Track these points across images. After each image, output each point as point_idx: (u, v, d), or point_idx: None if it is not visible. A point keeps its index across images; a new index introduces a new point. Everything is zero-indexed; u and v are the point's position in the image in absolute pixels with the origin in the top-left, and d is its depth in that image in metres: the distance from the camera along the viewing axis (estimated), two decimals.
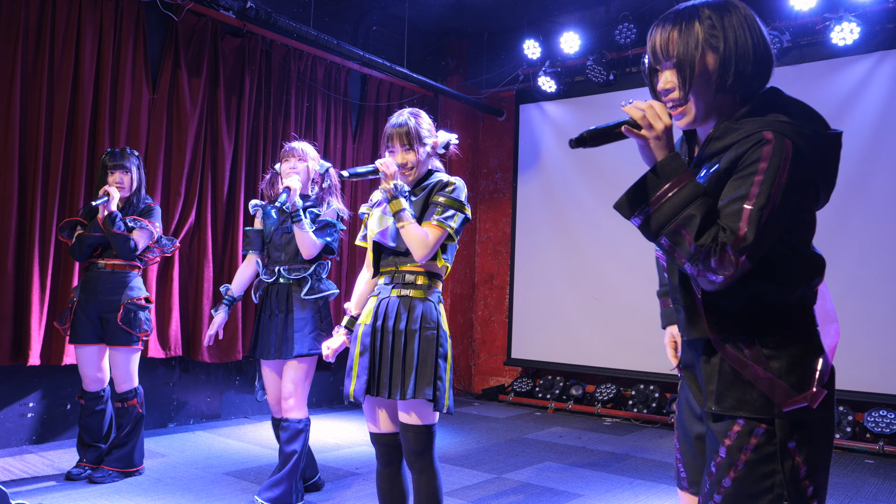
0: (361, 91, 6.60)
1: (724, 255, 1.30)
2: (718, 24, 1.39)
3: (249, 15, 5.03)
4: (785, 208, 1.31)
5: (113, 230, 3.61)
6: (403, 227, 2.32)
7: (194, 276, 5.18)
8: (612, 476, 4.23)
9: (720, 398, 1.41)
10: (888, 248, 5.21)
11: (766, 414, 1.36)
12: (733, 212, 1.31)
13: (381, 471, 2.50)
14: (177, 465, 4.12)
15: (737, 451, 1.38)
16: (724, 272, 1.31)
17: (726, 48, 1.38)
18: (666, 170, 1.36)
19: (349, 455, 4.52)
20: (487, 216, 7.63)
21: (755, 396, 1.37)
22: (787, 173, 1.29)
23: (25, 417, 4.42)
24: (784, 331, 1.38)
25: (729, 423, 1.40)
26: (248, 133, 5.52)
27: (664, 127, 1.39)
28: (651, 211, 1.36)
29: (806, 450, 1.37)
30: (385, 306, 2.40)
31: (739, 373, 1.39)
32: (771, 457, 1.36)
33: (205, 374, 5.40)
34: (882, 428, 5.03)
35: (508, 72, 7.09)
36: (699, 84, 1.40)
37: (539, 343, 6.91)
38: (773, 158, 1.30)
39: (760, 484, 1.37)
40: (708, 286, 1.36)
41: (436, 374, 2.33)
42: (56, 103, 4.43)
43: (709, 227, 1.32)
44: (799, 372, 1.36)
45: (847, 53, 5.43)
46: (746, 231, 1.29)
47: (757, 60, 1.39)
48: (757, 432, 1.37)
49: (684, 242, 1.33)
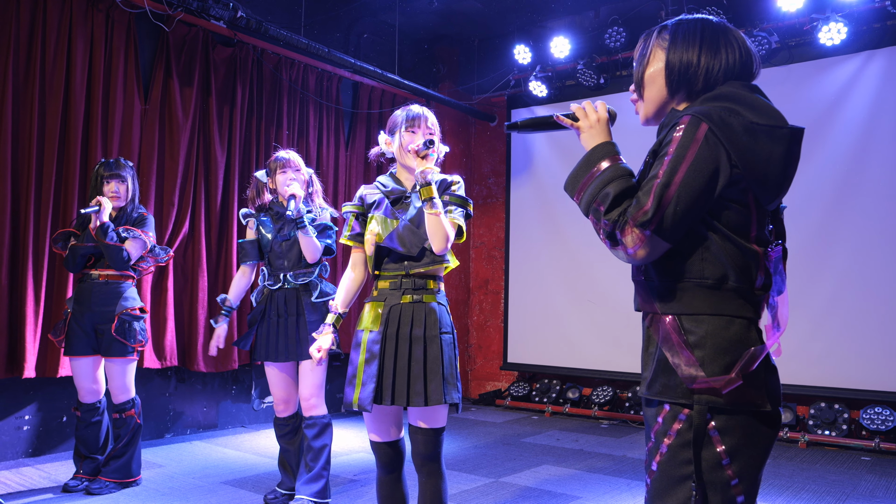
0: (353, 99, 6.62)
1: (626, 228, 1.40)
2: (671, 36, 1.55)
3: (240, 24, 5.05)
4: (693, 187, 1.37)
5: (105, 241, 3.60)
6: (436, 215, 2.25)
7: (189, 286, 5.17)
8: (609, 478, 4.23)
9: (650, 384, 1.48)
10: (881, 245, 5.25)
11: (688, 399, 1.41)
12: (644, 189, 1.41)
13: (382, 478, 2.47)
14: (174, 476, 4.11)
15: (662, 436, 1.44)
16: (631, 245, 1.40)
17: (671, 55, 1.53)
18: (595, 155, 1.52)
19: (347, 462, 4.52)
20: (481, 221, 7.64)
21: (680, 382, 1.42)
22: (695, 153, 1.38)
23: (21, 430, 4.40)
24: (712, 317, 1.42)
25: (658, 408, 1.46)
26: (241, 142, 5.52)
27: (596, 119, 1.57)
28: (582, 190, 1.50)
29: (730, 439, 1.39)
30: (398, 312, 2.35)
31: (666, 360, 1.44)
32: (689, 443, 1.40)
33: (201, 384, 5.39)
34: (878, 425, 5.05)
35: (499, 77, 7.12)
36: (646, 85, 1.59)
37: (535, 347, 6.92)
38: (683, 139, 1.40)
39: (680, 470, 1.41)
40: (626, 260, 1.44)
41: (456, 378, 2.37)
42: (48, 114, 4.42)
43: (620, 204, 1.42)
44: (721, 362, 1.39)
45: (835, 53, 5.48)
46: (649, 206, 1.37)
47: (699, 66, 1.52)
48: (680, 418, 1.42)
49: (600, 217, 1.44)
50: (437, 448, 2.38)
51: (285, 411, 3.51)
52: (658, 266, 1.47)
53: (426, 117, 2.46)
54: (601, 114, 1.58)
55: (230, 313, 3.54)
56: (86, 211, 3.63)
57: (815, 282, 5.44)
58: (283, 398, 3.49)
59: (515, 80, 6.98)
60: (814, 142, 5.52)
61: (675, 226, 1.38)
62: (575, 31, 6.57)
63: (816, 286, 5.43)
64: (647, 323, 1.54)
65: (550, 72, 6.64)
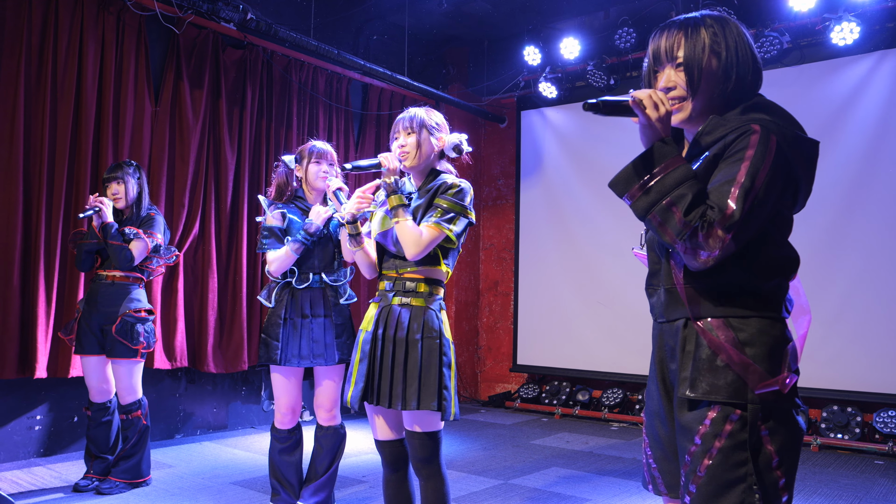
0: (363, 100, 6.63)
1: (712, 231, 1.36)
2: (721, 34, 1.50)
3: (250, 27, 5.07)
4: (768, 197, 1.37)
5: (108, 241, 3.64)
6: (398, 223, 2.29)
7: (199, 286, 5.19)
8: (619, 480, 4.21)
9: (694, 383, 1.44)
10: (893, 247, 5.20)
11: (740, 399, 1.38)
12: (722, 192, 1.38)
13: (387, 477, 2.49)
14: (184, 476, 4.12)
15: (711, 438, 1.40)
16: (711, 248, 1.36)
17: (728, 56, 1.49)
18: (662, 151, 1.45)
19: (355, 463, 4.52)
20: (491, 223, 7.63)
21: (729, 381, 1.40)
22: (771, 161, 1.37)
23: (33, 430, 4.43)
24: (759, 319, 1.43)
25: (704, 410, 1.42)
26: (251, 144, 5.54)
27: (666, 112, 1.48)
28: (646, 189, 1.44)
29: (778, 439, 1.39)
30: (386, 314, 2.38)
31: (714, 359, 1.42)
32: (745, 444, 1.38)
33: (211, 385, 5.40)
34: (891, 428, 5.00)
35: (509, 78, 7.11)
36: (703, 84, 1.50)
37: (545, 349, 6.90)
38: (760, 147, 1.38)
39: (734, 472, 1.37)
40: (694, 264, 1.41)
41: (441, 383, 2.30)
42: (59, 117, 4.46)
43: (698, 206, 1.38)
44: (772, 359, 1.40)
45: (847, 53, 5.43)
46: (734, 209, 1.35)
47: (755, 70, 1.52)
48: (732, 418, 1.39)
49: (674, 219, 1.39)
50: (431, 451, 2.35)
51: (291, 422, 3.19)
52: (707, 270, 1.44)
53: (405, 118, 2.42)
54: (668, 106, 1.50)
55: None
56: (83, 215, 3.71)
57: (827, 283, 5.39)
58: (291, 406, 3.18)
59: (525, 81, 6.97)
60: (825, 142, 5.44)
61: (752, 230, 1.38)
62: (585, 32, 6.55)
63: (828, 288, 5.39)
64: (681, 326, 1.51)
65: (560, 73, 6.62)
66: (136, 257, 3.71)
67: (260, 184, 5.56)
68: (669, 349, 1.55)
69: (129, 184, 3.82)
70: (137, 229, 3.74)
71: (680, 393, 1.46)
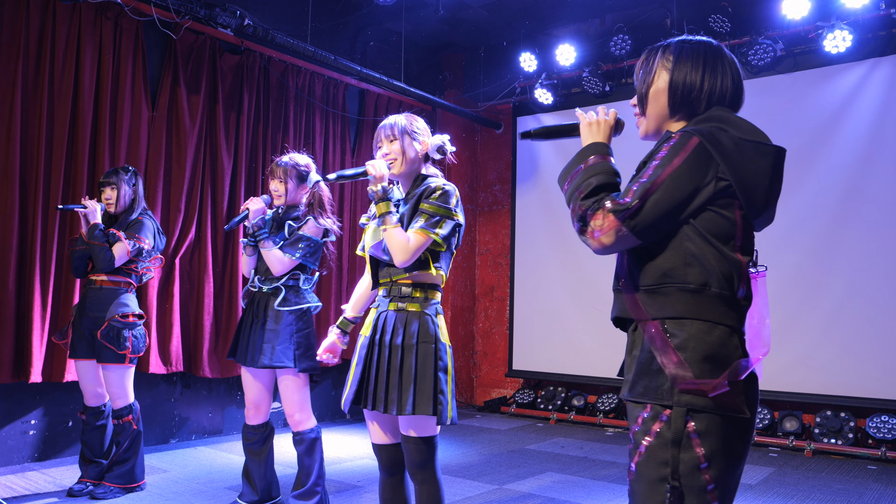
0: (359, 106, 6.65)
1: (599, 212, 1.46)
2: (674, 57, 1.61)
3: (247, 32, 5.09)
4: (675, 190, 1.44)
5: (90, 241, 3.67)
6: (386, 231, 2.31)
7: (195, 291, 5.20)
8: (614, 486, 4.22)
9: (632, 386, 1.50)
10: (886, 253, 5.23)
11: (667, 400, 1.42)
12: (627, 187, 1.50)
13: (383, 480, 2.50)
14: (178, 481, 4.12)
15: (641, 436, 1.45)
16: (599, 229, 1.45)
17: (675, 76, 1.59)
18: (588, 151, 1.59)
19: (351, 468, 4.52)
20: (487, 228, 7.65)
21: (662, 383, 1.43)
22: (683, 161, 1.45)
23: (27, 435, 4.42)
24: (694, 321, 1.44)
25: (639, 409, 1.47)
26: (247, 149, 5.55)
27: (599, 120, 1.65)
28: (569, 181, 1.57)
29: (709, 443, 1.40)
30: (383, 319, 2.40)
31: (651, 362, 1.46)
32: (668, 444, 1.41)
33: (206, 390, 5.40)
34: (884, 433, 5.02)
35: (505, 85, 7.14)
36: (648, 101, 1.64)
37: (540, 354, 6.91)
38: (672, 149, 1.47)
39: (658, 471, 1.41)
40: (592, 245, 1.49)
41: (436, 388, 2.31)
42: (56, 121, 4.46)
43: (598, 193, 1.50)
44: (704, 366, 1.41)
45: (840, 61, 5.47)
46: (629, 200, 1.44)
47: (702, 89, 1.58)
48: (661, 418, 1.43)
49: (578, 203, 1.51)
50: (426, 456, 2.35)
51: (255, 418, 3.39)
52: (642, 271, 1.51)
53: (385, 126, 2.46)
54: (607, 118, 1.65)
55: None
56: (62, 207, 3.77)
57: (820, 290, 5.42)
58: (254, 403, 3.38)
59: (521, 87, 7.00)
60: (818, 150, 5.52)
61: (651, 224, 1.44)
62: (580, 39, 6.58)
63: (822, 294, 5.42)
64: (631, 328, 1.57)
65: (556, 79, 6.66)
66: (116, 258, 3.69)
67: (256, 189, 5.57)
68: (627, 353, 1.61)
69: (123, 189, 3.83)
70: (119, 232, 3.74)
71: (621, 394, 1.54)
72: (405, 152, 2.41)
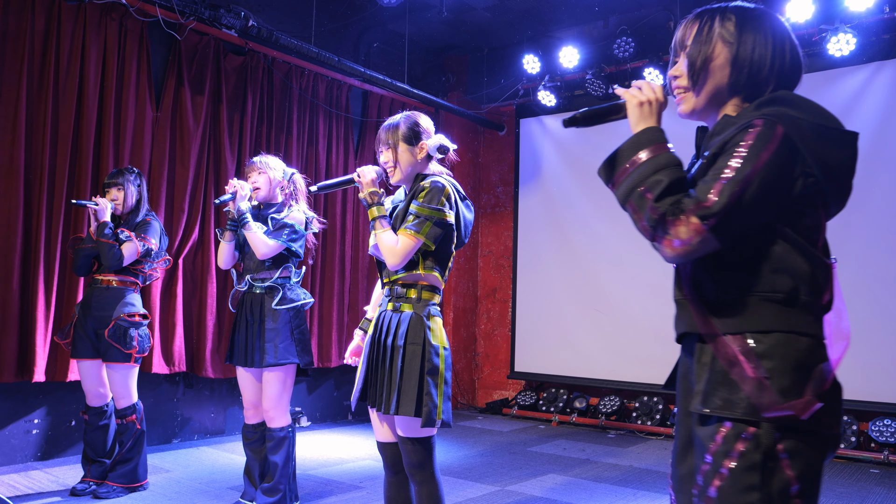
0: (363, 107, 6.66)
1: (683, 218, 1.27)
2: (738, 27, 1.41)
3: (251, 33, 5.10)
4: (765, 190, 1.26)
5: (99, 239, 3.68)
6: (376, 235, 2.36)
7: (198, 292, 5.20)
8: (616, 488, 4.22)
9: (706, 397, 1.31)
10: (890, 256, 5.22)
11: (755, 416, 1.25)
12: (705, 184, 1.29)
13: (388, 479, 2.52)
14: (181, 481, 4.12)
15: (722, 457, 1.28)
16: (683, 237, 1.27)
17: (741, 49, 1.40)
18: (644, 138, 1.38)
19: (353, 469, 4.52)
20: (489, 230, 7.65)
21: (744, 397, 1.27)
22: (770, 154, 1.26)
23: (30, 434, 4.43)
24: (781, 331, 1.29)
25: (716, 426, 1.30)
26: (251, 149, 5.56)
27: (647, 100, 1.43)
28: (627, 174, 1.36)
29: (800, 464, 1.25)
30: (382, 319, 2.43)
31: (727, 372, 1.30)
32: (756, 467, 1.24)
33: (209, 390, 5.41)
34: (887, 437, 5.02)
35: (508, 87, 7.15)
36: (705, 75, 1.43)
37: (542, 356, 6.91)
38: (758, 140, 1.28)
39: (746, 496, 1.25)
40: (667, 254, 1.31)
41: (422, 389, 2.28)
42: (61, 121, 4.48)
43: (673, 193, 1.30)
44: (793, 376, 1.26)
45: (844, 64, 5.47)
46: (714, 200, 1.26)
47: (780, 66, 1.40)
48: (744, 437, 1.26)
49: (646, 205, 1.31)
50: (420, 456, 2.35)
51: (253, 417, 3.45)
52: (717, 279, 1.34)
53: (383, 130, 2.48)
54: (659, 95, 1.43)
55: None
56: (77, 202, 3.78)
57: None
58: (252, 403, 3.44)
59: (524, 89, 7.00)
60: None
61: (738, 228, 1.28)
62: (584, 41, 6.59)
63: None
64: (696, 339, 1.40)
65: (559, 81, 6.66)
66: (125, 258, 3.71)
67: None
68: (686, 363, 1.46)
69: (129, 190, 3.85)
70: (131, 232, 3.76)
71: (692, 407, 1.35)
72: (398, 161, 2.43)
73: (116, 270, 3.74)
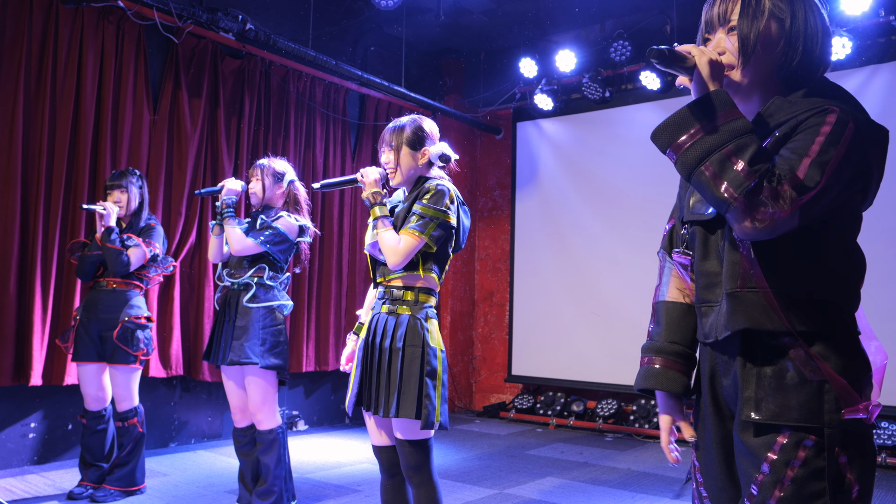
0: (360, 111, 6.66)
1: (781, 188, 1.15)
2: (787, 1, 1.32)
3: (249, 37, 5.10)
4: (837, 181, 1.19)
5: (106, 244, 3.66)
6: (378, 234, 2.36)
7: (195, 295, 5.20)
8: (613, 491, 4.22)
9: (759, 404, 1.25)
10: (885, 260, 5.24)
11: (815, 422, 1.21)
12: (791, 161, 1.19)
13: (384, 482, 2.51)
14: (178, 485, 4.11)
15: (783, 467, 1.23)
16: (778, 207, 1.15)
17: (794, 24, 1.31)
18: (718, 99, 1.23)
19: (350, 472, 4.52)
20: (486, 233, 7.66)
21: (800, 402, 1.22)
22: (847, 144, 1.19)
23: (27, 438, 4.41)
24: (842, 329, 1.27)
25: (772, 435, 1.25)
26: (248, 153, 5.56)
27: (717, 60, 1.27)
28: (701, 134, 1.21)
29: (857, 466, 1.23)
30: (376, 322, 2.42)
31: (782, 375, 1.25)
32: (821, 473, 1.21)
33: (206, 394, 5.40)
34: (884, 440, 5.03)
35: (505, 90, 7.16)
36: (758, 52, 1.31)
37: (540, 359, 6.91)
38: (837, 127, 1.20)
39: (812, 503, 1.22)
40: (747, 228, 1.18)
41: (421, 392, 2.29)
42: (58, 124, 4.47)
43: (763, 160, 1.18)
44: (858, 376, 1.24)
45: (840, 68, 5.49)
46: (807, 173, 1.16)
47: (824, 44, 1.33)
48: (806, 444, 1.22)
49: (733, 169, 1.17)
50: (418, 459, 2.35)
51: (241, 421, 3.41)
52: (777, 270, 1.26)
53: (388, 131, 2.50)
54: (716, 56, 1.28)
55: None
56: (87, 206, 3.74)
57: None
58: (238, 406, 3.40)
59: (521, 93, 7.02)
60: None
61: (818, 208, 1.19)
62: (580, 45, 6.60)
63: None
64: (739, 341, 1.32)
65: (556, 85, 6.67)
66: (132, 263, 3.72)
67: None
68: (723, 362, 1.37)
69: (132, 192, 3.85)
70: (137, 238, 3.77)
71: (744, 416, 1.27)
72: (400, 164, 2.45)
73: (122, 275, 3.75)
